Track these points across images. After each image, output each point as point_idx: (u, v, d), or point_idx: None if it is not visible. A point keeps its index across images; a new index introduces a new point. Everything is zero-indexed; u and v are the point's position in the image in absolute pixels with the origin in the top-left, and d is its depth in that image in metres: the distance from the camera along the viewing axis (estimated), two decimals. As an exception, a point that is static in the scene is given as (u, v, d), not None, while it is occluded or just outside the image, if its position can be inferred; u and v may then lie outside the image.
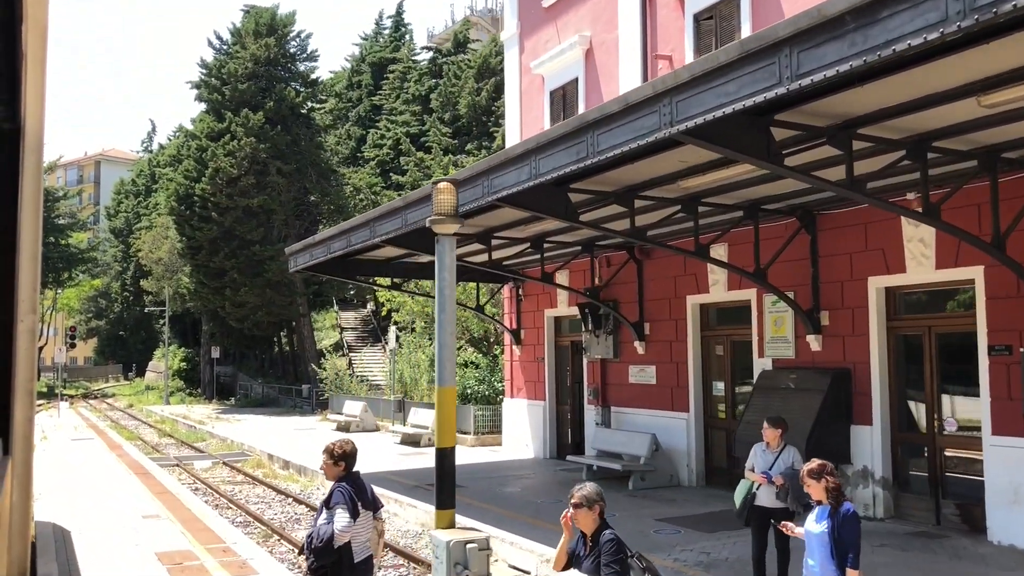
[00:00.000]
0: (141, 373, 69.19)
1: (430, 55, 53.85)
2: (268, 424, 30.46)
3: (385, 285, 21.01)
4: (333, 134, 48.60)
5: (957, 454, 10.17)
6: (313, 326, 45.84)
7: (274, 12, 42.48)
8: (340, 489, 5.86)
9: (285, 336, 48.82)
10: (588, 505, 4.84)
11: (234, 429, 28.48)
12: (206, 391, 49.79)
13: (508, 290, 19.44)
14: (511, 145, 16.55)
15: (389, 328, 29.50)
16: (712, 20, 13.72)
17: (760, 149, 7.29)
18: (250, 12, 42.89)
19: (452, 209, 6.05)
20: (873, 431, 10.87)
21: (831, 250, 11.51)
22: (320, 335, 48.13)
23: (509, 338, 19.19)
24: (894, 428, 10.85)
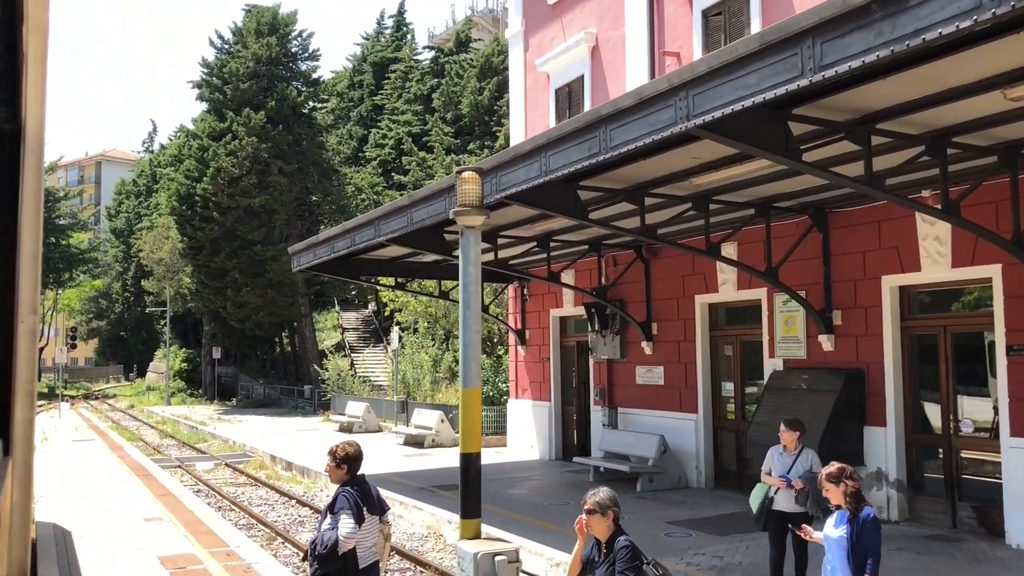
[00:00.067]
0: (142, 374, 69.02)
1: (432, 54, 53.70)
2: (270, 425, 30.28)
3: (389, 285, 20.83)
4: (335, 134, 48.47)
5: (974, 456, 9.99)
6: (314, 327, 45.67)
7: (276, 11, 42.35)
8: (344, 494, 5.69)
9: (286, 336, 48.66)
10: (601, 511, 4.73)
11: (236, 430, 28.31)
12: (207, 392, 49.61)
13: (513, 290, 19.26)
14: (516, 143, 16.41)
15: (392, 328, 29.33)
16: (721, 16, 13.56)
17: (778, 144, 7.11)
18: (252, 11, 42.76)
19: (478, 199, 5.77)
20: (887, 432, 10.70)
21: (844, 248, 11.33)
22: (321, 335, 47.95)
23: (514, 338, 19.01)
24: (908, 429, 10.68)
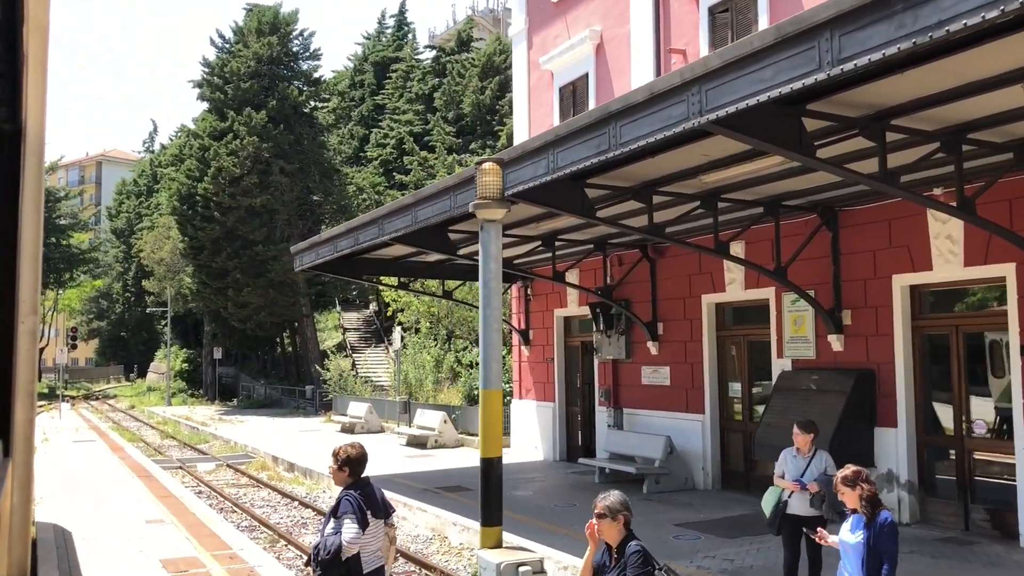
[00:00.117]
0: (143, 374, 68.87)
1: (433, 54, 53.60)
2: (272, 425, 30.15)
3: (392, 285, 20.68)
4: (336, 134, 48.33)
5: (987, 457, 9.85)
6: (316, 327, 45.53)
7: (277, 10, 42.23)
8: (348, 497, 5.53)
9: (288, 337, 48.53)
10: (612, 516, 4.63)
11: (237, 431, 28.18)
12: (208, 392, 49.47)
13: (516, 290, 19.12)
14: (520, 141, 16.28)
15: (394, 328, 29.19)
16: (728, 13, 13.43)
17: (792, 140, 6.98)
18: (253, 10, 42.64)
19: (499, 192, 5.58)
20: (898, 433, 10.56)
21: (853, 247, 11.19)
22: (322, 336, 47.81)
23: (517, 338, 18.88)
24: (920, 430, 10.54)
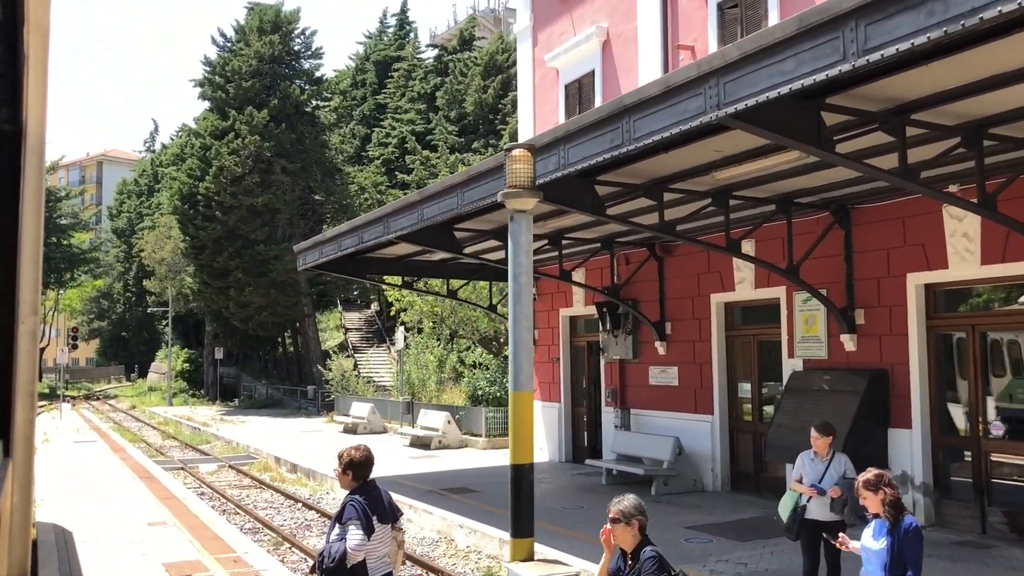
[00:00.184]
0: (143, 374, 68.70)
1: (435, 53, 53.44)
2: (273, 426, 30.00)
3: (396, 284, 20.51)
4: (337, 133, 48.15)
5: (1004, 459, 9.68)
6: (317, 327, 45.36)
7: (278, 9, 42.08)
8: (352, 502, 5.33)
9: (289, 337, 48.35)
10: (626, 520, 4.53)
11: (239, 431, 28.02)
12: (209, 392, 49.32)
13: (521, 289, 18.94)
14: (525, 139, 16.10)
15: (396, 328, 29.02)
16: (737, 8, 13.25)
17: (811, 135, 6.79)
18: (254, 9, 42.49)
19: (529, 180, 5.34)
20: (912, 435, 10.38)
21: (866, 245, 11.02)
22: (324, 336, 47.65)
23: (522, 338, 18.69)
24: (935, 432, 10.36)
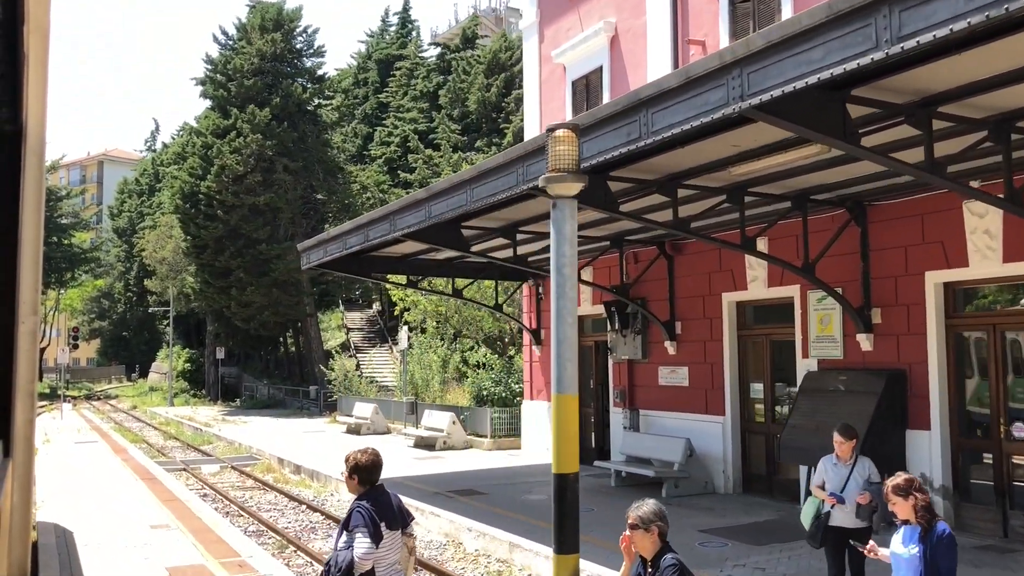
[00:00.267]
0: (144, 374, 68.52)
1: (438, 51, 53.25)
2: (276, 426, 29.78)
3: (400, 283, 20.31)
4: (339, 132, 47.95)
5: (1027, 462, 9.47)
6: (319, 326, 45.14)
7: (280, 7, 41.86)
8: (359, 509, 5.11)
9: (291, 336, 48.13)
10: (645, 527, 4.39)
11: (241, 431, 27.81)
12: (211, 392, 49.11)
13: (528, 288, 18.74)
14: (530, 137, 15.86)
15: (400, 328, 28.81)
16: (749, 2, 13.04)
17: (836, 128, 6.58)
18: (256, 7, 42.28)
19: (574, 163, 5.04)
20: (931, 436, 10.17)
21: (883, 243, 10.80)
22: (325, 336, 47.43)
23: (529, 338, 18.49)
24: (954, 433, 10.14)
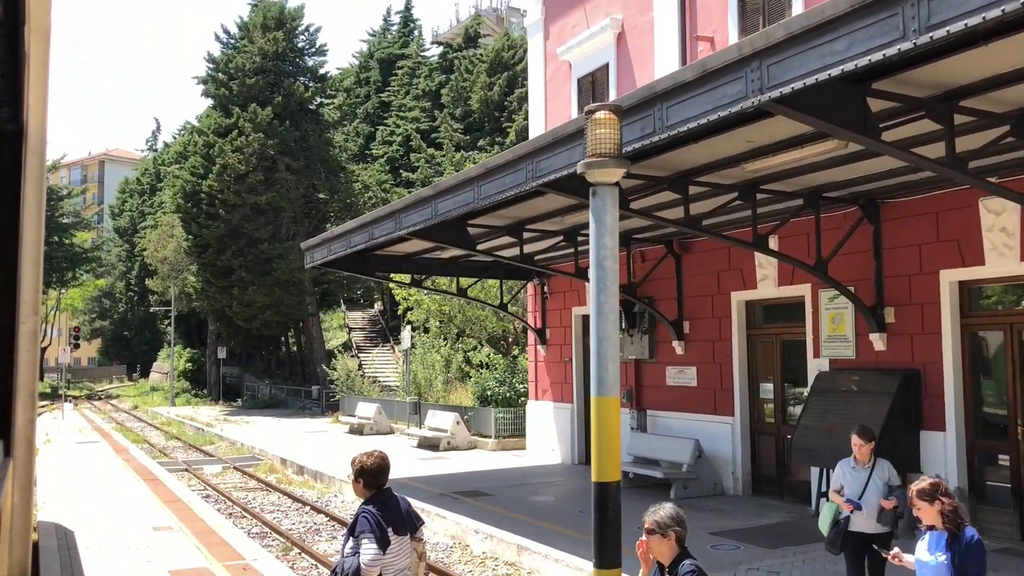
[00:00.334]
0: (145, 374, 68.40)
1: (440, 50, 53.10)
2: (278, 426, 29.64)
3: (404, 282, 20.14)
4: (341, 131, 47.80)
5: (1045, 463, 9.31)
6: (321, 326, 44.99)
7: (282, 6, 41.72)
8: (365, 514, 4.97)
9: (293, 336, 47.96)
10: (662, 532, 4.24)
11: (243, 431, 27.66)
12: (212, 392, 48.96)
13: (532, 287, 18.58)
14: (535, 135, 15.72)
15: (402, 328, 28.64)
16: (759, -2, 12.88)
17: (856, 122, 6.42)
18: (258, 5, 42.17)
19: (615, 148, 4.79)
20: (947, 437, 10.01)
21: (897, 241, 10.64)
22: (327, 335, 47.27)
23: (534, 338, 18.33)
24: (970, 434, 9.98)
